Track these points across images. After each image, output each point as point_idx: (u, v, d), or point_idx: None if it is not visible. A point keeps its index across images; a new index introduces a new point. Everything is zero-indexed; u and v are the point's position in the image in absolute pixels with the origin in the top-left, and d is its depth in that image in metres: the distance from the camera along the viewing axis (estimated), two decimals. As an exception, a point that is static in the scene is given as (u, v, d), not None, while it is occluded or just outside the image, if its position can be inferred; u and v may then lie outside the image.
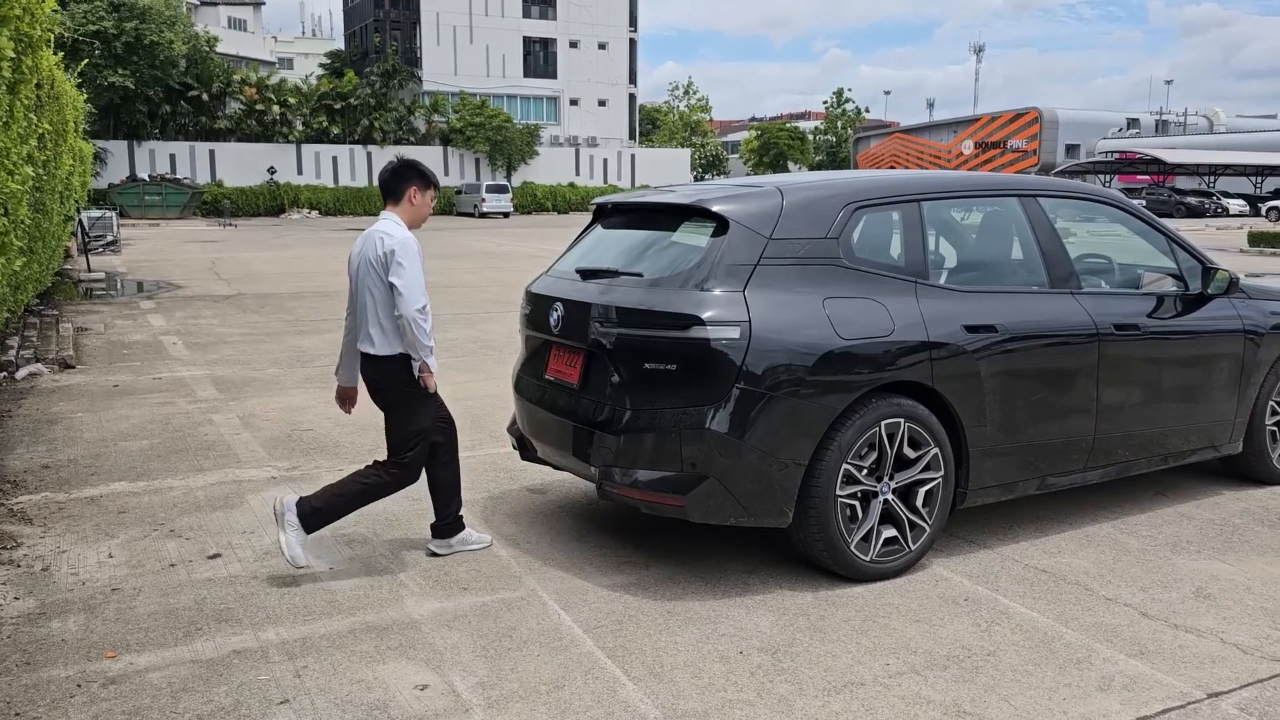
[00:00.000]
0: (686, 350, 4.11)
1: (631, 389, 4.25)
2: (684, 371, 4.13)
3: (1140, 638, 3.83)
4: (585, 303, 4.49)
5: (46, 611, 3.98)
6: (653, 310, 4.21)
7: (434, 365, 4.36)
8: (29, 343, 10.13)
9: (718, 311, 4.09)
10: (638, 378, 4.24)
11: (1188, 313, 5.33)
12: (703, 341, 4.06)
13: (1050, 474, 4.83)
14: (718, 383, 4.05)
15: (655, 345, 4.18)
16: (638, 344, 4.24)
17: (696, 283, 4.18)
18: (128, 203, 40.72)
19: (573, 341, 4.56)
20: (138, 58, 43.45)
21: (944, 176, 5.24)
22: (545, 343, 4.85)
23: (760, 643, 3.76)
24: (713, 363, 4.06)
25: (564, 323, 4.60)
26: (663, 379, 4.18)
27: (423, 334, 4.25)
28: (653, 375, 4.20)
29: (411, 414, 4.42)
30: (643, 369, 4.22)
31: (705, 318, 4.06)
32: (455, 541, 4.64)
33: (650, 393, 4.20)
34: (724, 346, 4.04)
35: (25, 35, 5.46)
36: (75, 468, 5.99)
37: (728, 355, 4.04)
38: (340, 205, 48.39)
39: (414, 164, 4.48)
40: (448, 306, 13.92)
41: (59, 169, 11.32)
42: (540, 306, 4.89)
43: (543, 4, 61.04)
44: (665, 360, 4.16)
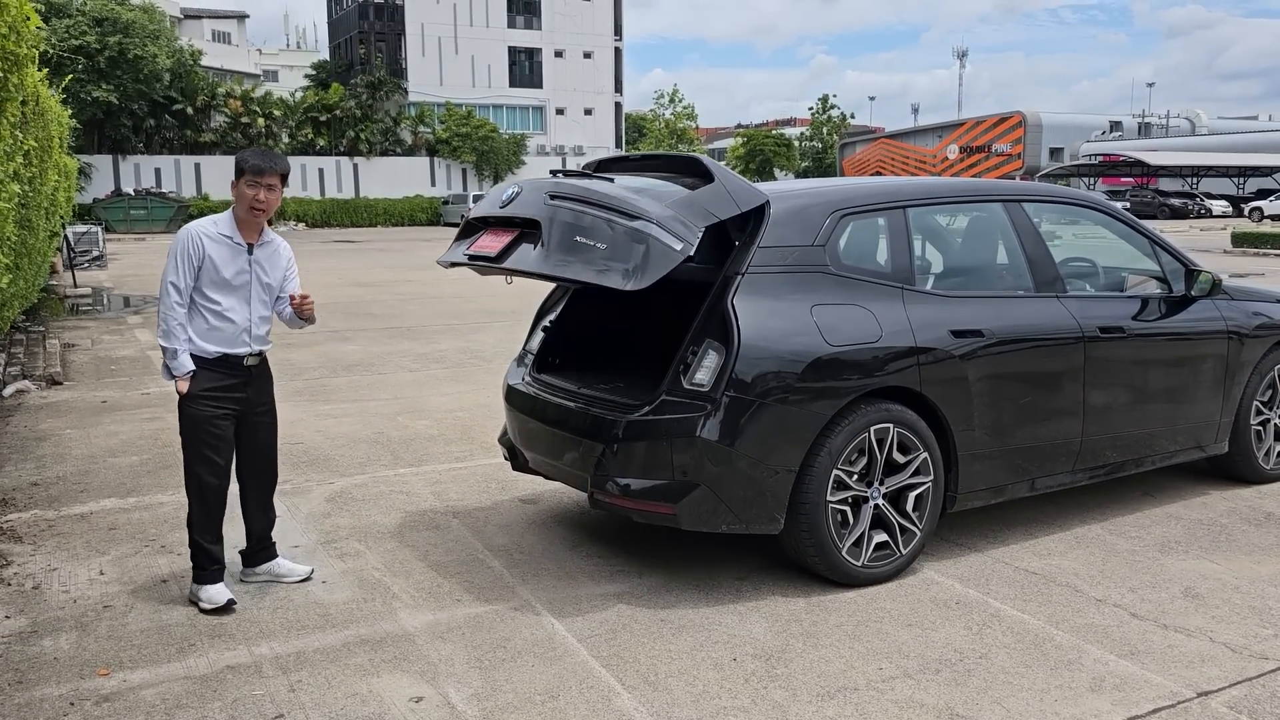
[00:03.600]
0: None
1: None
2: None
3: (1130, 638, 3.86)
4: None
5: (38, 630, 3.97)
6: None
7: (175, 369, 4.10)
8: (16, 360, 10.09)
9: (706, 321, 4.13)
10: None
11: (1172, 314, 5.37)
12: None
13: (1039, 476, 4.87)
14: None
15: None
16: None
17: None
18: (113, 218, 40.57)
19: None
20: (121, 72, 43.33)
21: (929, 183, 5.28)
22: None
23: (754, 649, 3.77)
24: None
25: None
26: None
27: (159, 331, 4.13)
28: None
29: (179, 416, 4.20)
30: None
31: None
32: (262, 570, 4.48)
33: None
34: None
35: (11, 53, 5.46)
36: (65, 485, 5.97)
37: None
38: (327, 217, 48.31)
39: (235, 158, 4.20)
40: (437, 318, 13.93)
41: (44, 185, 11.29)
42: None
43: (527, 14, 61.14)
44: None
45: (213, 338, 4.15)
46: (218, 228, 4.17)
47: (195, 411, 4.15)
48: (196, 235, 4.11)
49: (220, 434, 4.20)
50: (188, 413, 4.16)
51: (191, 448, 4.19)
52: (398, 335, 12.28)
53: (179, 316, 4.09)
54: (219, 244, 4.14)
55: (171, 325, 4.08)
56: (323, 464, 6.43)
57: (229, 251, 4.16)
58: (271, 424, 4.45)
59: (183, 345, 4.10)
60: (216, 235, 4.14)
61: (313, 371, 9.76)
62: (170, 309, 4.08)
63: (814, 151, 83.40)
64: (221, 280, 4.14)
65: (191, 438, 4.18)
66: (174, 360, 4.10)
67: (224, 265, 4.14)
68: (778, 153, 76.22)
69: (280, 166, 4.18)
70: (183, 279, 4.09)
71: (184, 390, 4.12)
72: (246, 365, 4.26)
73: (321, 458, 6.58)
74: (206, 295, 4.13)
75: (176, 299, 4.08)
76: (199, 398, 4.14)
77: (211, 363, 4.16)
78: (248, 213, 4.15)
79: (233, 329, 4.18)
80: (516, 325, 11.95)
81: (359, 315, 14.29)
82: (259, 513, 4.46)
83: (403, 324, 13.33)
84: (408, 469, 6.29)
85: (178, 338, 4.08)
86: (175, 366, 4.11)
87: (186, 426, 4.18)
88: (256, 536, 4.46)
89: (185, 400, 4.14)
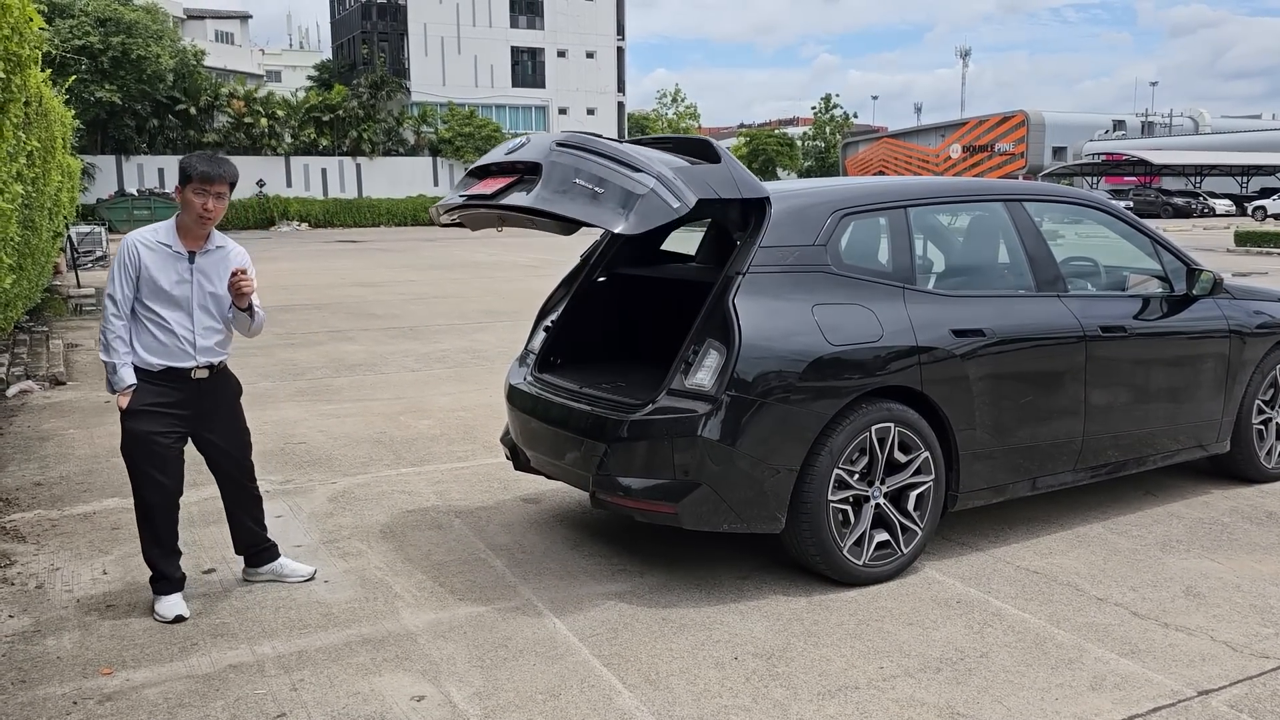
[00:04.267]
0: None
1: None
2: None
3: (1131, 637, 3.86)
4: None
5: (41, 629, 3.98)
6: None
7: (114, 383, 4.02)
8: (19, 360, 10.11)
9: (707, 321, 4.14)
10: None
11: (1173, 314, 5.37)
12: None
13: (1041, 476, 4.87)
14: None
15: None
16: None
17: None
18: (116, 218, 40.55)
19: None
20: (124, 72, 43.36)
21: (930, 182, 5.28)
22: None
23: (755, 648, 3.78)
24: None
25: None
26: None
27: (99, 343, 4.07)
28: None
29: (121, 431, 4.11)
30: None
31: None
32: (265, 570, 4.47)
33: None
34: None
35: (14, 55, 5.47)
36: (68, 484, 5.99)
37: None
38: (330, 217, 48.32)
39: (180, 161, 4.06)
40: (439, 318, 13.94)
41: (48, 185, 11.31)
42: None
43: (530, 14, 61.14)
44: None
45: (156, 350, 4.02)
46: (156, 236, 4.04)
47: (134, 427, 4.01)
48: (134, 245, 4.00)
49: (162, 451, 4.04)
50: (127, 428, 4.03)
51: (132, 464, 4.07)
52: (400, 335, 12.30)
53: (117, 329, 3.98)
54: (156, 252, 4.01)
55: (110, 339, 3.98)
56: (325, 463, 6.43)
57: (166, 260, 4.02)
58: (235, 436, 4.30)
59: (122, 359, 3.98)
60: (154, 244, 4.02)
61: (315, 371, 9.77)
62: (108, 321, 3.98)
63: (817, 151, 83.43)
64: (160, 290, 4.00)
65: (131, 454, 4.05)
66: (114, 375, 3.99)
67: (161, 274, 4.00)
68: (780, 152, 76.27)
69: (230, 174, 4.04)
70: (120, 290, 3.98)
71: (123, 405, 4.00)
72: (195, 379, 4.10)
73: (324, 457, 6.59)
74: (147, 306, 4.00)
75: (113, 311, 3.98)
76: (139, 413, 4.00)
77: (155, 376, 4.03)
78: (195, 221, 4.02)
79: (175, 341, 4.03)
80: (518, 325, 11.97)
81: (361, 315, 14.31)
82: (246, 520, 4.39)
83: (405, 324, 13.34)
84: (410, 469, 6.30)
85: (117, 351, 3.98)
86: (115, 381, 4.00)
87: (126, 443, 4.05)
88: (245, 545, 4.42)
89: (124, 415, 4.02)
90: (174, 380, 4.06)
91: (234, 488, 4.36)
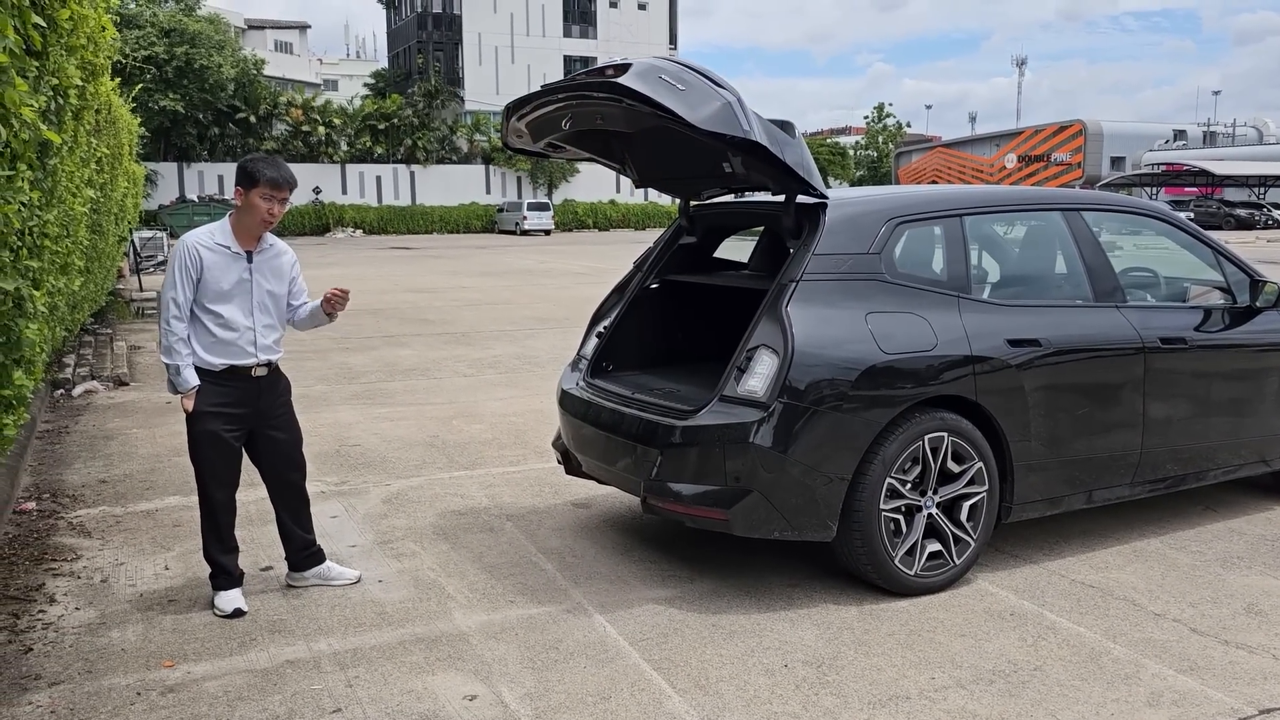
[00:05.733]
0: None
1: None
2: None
3: (1190, 653, 3.80)
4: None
5: (106, 621, 4.09)
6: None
7: (178, 385, 4.06)
8: (85, 361, 10.38)
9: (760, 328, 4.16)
10: None
11: (1236, 326, 5.27)
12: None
13: (1096, 488, 4.80)
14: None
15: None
16: None
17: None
18: (177, 223, 41.38)
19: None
20: (188, 81, 44.37)
21: (986, 191, 5.25)
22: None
23: (805, 656, 3.77)
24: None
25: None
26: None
27: (160, 347, 4.08)
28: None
29: (187, 431, 4.18)
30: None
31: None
32: (311, 575, 4.48)
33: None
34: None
35: (90, 63, 5.64)
36: (131, 482, 6.14)
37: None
38: (384, 224, 48.96)
39: (241, 163, 4.11)
40: (490, 323, 14.07)
41: (115, 191, 11.62)
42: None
43: (583, 23, 61.59)
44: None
45: (218, 350, 4.09)
46: (213, 237, 4.10)
47: (201, 427, 4.10)
48: (193, 246, 4.05)
49: (227, 450, 4.16)
50: (194, 429, 4.11)
51: (200, 463, 4.16)
52: (452, 340, 12.43)
53: (179, 331, 4.03)
54: (216, 254, 4.07)
55: (172, 341, 4.03)
56: (379, 466, 6.53)
57: (226, 261, 4.09)
58: (291, 434, 4.38)
59: (185, 361, 4.04)
60: (213, 245, 4.08)
61: (370, 375, 9.91)
62: (169, 324, 4.02)
63: (869, 160, 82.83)
64: (221, 291, 4.08)
65: (199, 454, 4.14)
66: (177, 376, 4.05)
67: (222, 275, 4.07)
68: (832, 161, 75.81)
69: (293, 180, 4.15)
70: (182, 293, 4.03)
71: (189, 407, 4.07)
72: (255, 377, 4.19)
73: (378, 460, 6.69)
74: (207, 307, 4.07)
75: (175, 313, 4.03)
76: (205, 414, 4.09)
77: (218, 376, 4.10)
78: (258, 224, 4.10)
79: (237, 340, 4.11)
80: (569, 332, 12.05)
81: (414, 320, 14.48)
82: (292, 525, 4.44)
83: (457, 329, 13.48)
84: (462, 472, 6.37)
85: (179, 353, 4.03)
86: (179, 383, 4.06)
87: (194, 442, 4.14)
88: (295, 547, 4.46)
89: (191, 417, 4.10)
90: (235, 379, 4.15)
91: (284, 486, 4.40)
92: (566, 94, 4.41)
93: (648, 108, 4.00)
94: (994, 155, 71.82)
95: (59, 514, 5.48)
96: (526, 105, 4.67)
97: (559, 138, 4.81)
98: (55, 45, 4.12)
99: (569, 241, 42.34)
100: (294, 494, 4.43)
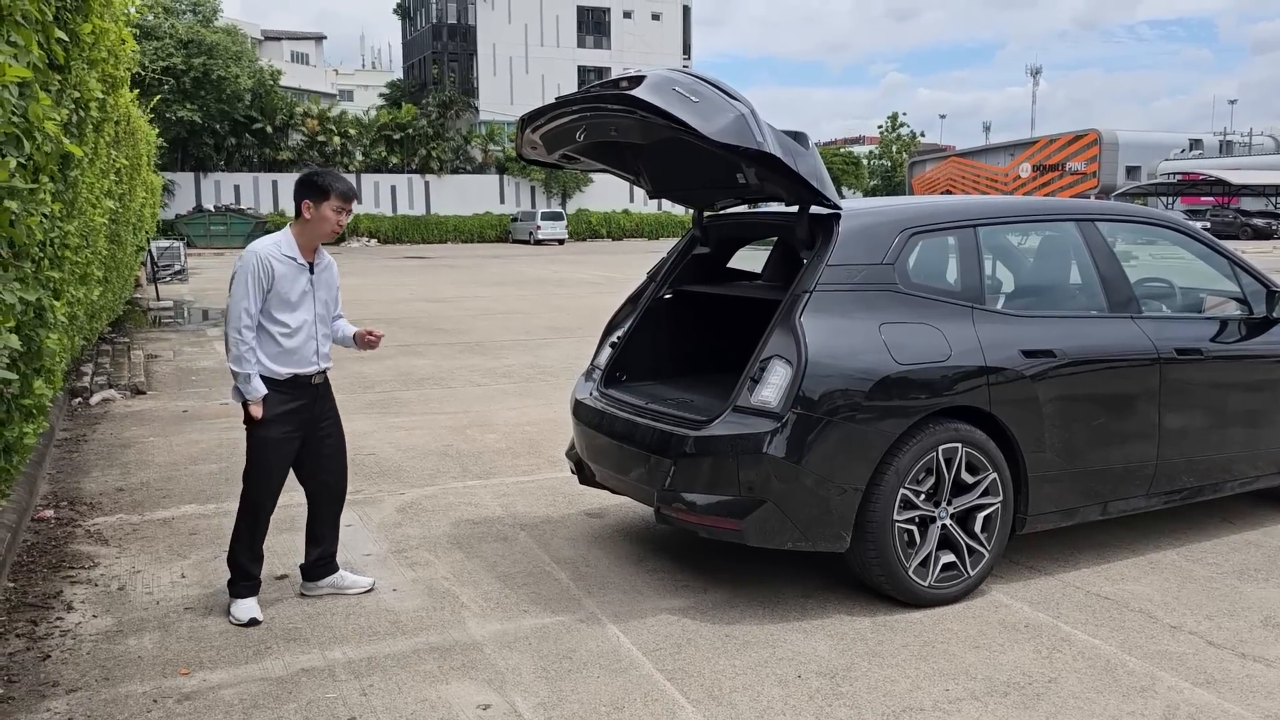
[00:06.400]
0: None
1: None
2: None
3: (1206, 666, 3.78)
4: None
5: (123, 629, 4.12)
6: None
7: (248, 393, 4.13)
8: (102, 369, 10.46)
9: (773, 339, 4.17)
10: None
11: (1252, 336, 5.25)
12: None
13: (1112, 500, 4.78)
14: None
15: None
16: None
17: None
18: (194, 233, 41.86)
19: None
20: (205, 92, 44.75)
21: (1000, 202, 5.25)
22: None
23: (819, 667, 3.77)
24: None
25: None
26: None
27: (230, 356, 4.13)
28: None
29: (248, 437, 4.27)
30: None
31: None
32: (325, 584, 4.51)
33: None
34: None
35: (110, 76, 5.71)
36: (148, 490, 6.18)
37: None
38: (399, 233, 49.22)
39: (308, 177, 4.23)
40: (505, 333, 14.11)
41: (133, 201, 11.72)
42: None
43: (597, 33, 61.77)
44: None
45: (283, 359, 4.18)
46: (281, 249, 4.18)
47: (267, 434, 4.19)
48: (265, 258, 4.12)
49: (287, 456, 4.27)
50: (259, 436, 4.20)
51: (258, 468, 4.23)
52: (466, 350, 12.47)
53: (250, 340, 4.10)
54: (284, 264, 4.16)
55: (243, 350, 4.09)
56: (394, 475, 6.56)
57: (294, 272, 4.19)
58: (338, 438, 4.48)
59: (255, 369, 4.12)
60: (282, 256, 4.17)
61: (384, 385, 9.95)
62: (240, 333, 4.09)
63: (883, 170, 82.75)
64: (287, 301, 4.17)
65: (259, 460, 4.22)
66: (247, 384, 4.12)
67: (291, 286, 4.17)
68: (846, 171, 75.75)
69: (357, 192, 4.32)
70: (254, 302, 4.10)
71: (258, 414, 4.15)
72: (314, 384, 4.31)
73: (393, 469, 6.71)
74: (274, 317, 4.15)
75: (247, 323, 4.09)
76: (270, 420, 4.17)
77: (281, 384, 4.18)
78: (327, 234, 4.23)
79: (301, 349, 4.21)
80: (582, 341, 12.07)
81: (429, 330, 14.54)
82: (329, 529, 4.49)
83: (471, 339, 13.53)
84: (476, 481, 6.39)
85: (250, 362, 4.10)
86: (249, 391, 4.12)
87: (256, 449, 4.22)
88: (323, 551, 4.49)
89: (258, 424, 4.17)
90: (297, 387, 4.25)
91: (327, 490, 4.47)
92: (580, 106, 4.44)
93: (661, 120, 4.02)
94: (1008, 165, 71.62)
95: (77, 522, 5.53)
96: (541, 117, 4.70)
97: (573, 149, 4.84)
98: (77, 59, 4.18)
99: (583, 251, 42.42)
100: (335, 497, 4.52)
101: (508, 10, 59.18)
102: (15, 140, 2.88)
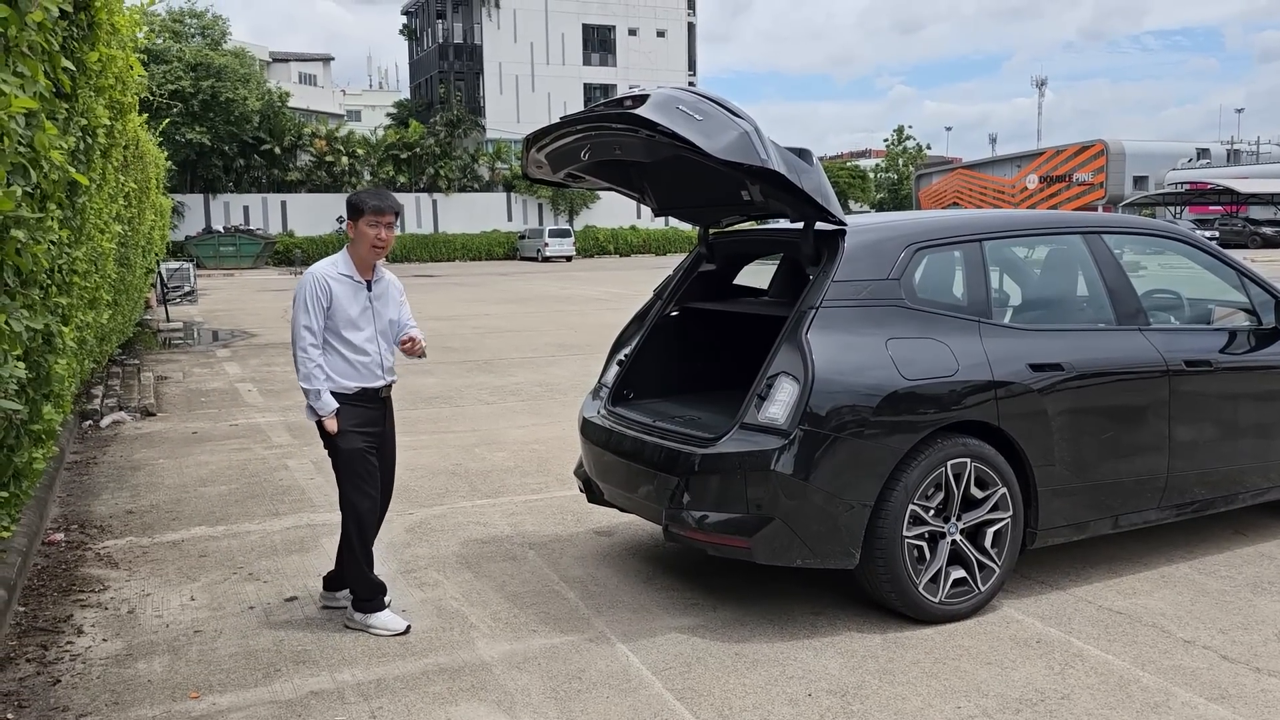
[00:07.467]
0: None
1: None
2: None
3: (1221, 681, 3.74)
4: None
5: (133, 653, 4.12)
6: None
7: (320, 409, 4.26)
8: (112, 391, 10.50)
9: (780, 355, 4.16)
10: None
11: (1262, 347, 5.23)
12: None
13: (1123, 513, 4.76)
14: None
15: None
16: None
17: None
18: (204, 254, 42.01)
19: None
20: (214, 114, 45.04)
21: (1006, 215, 5.24)
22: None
23: (829, 685, 3.75)
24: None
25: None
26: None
27: (299, 375, 4.27)
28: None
29: (333, 456, 4.39)
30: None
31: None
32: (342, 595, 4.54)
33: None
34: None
35: (118, 102, 5.75)
36: (158, 513, 6.20)
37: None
38: (406, 252, 49.34)
39: (349, 199, 4.35)
40: (513, 351, 14.13)
41: (142, 224, 11.79)
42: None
43: (602, 51, 62.05)
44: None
45: (351, 374, 4.32)
46: (337, 268, 4.34)
47: (348, 446, 4.32)
48: (321, 278, 4.28)
49: (370, 465, 4.38)
50: (342, 448, 4.32)
51: (349, 480, 4.34)
52: (475, 368, 12.49)
53: (315, 358, 4.24)
54: (342, 283, 4.30)
55: (310, 368, 4.23)
56: (402, 494, 6.55)
57: (352, 290, 4.33)
58: (394, 450, 4.65)
59: (324, 385, 4.26)
60: (338, 276, 4.31)
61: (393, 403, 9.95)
62: (305, 352, 4.24)
63: (889, 183, 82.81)
64: (350, 318, 4.31)
65: (349, 471, 4.34)
66: (318, 400, 4.26)
67: (351, 304, 4.31)
68: (853, 184, 75.84)
69: (396, 205, 4.37)
70: (315, 320, 4.25)
71: (333, 428, 4.28)
72: (381, 397, 4.44)
73: (401, 488, 6.70)
74: (340, 334, 4.29)
75: (311, 340, 4.24)
76: (350, 433, 4.31)
77: (351, 398, 4.32)
78: (369, 251, 4.31)
79: (369, 363, 4.35)
80: (590, 359, 12.08)
81: (437, 348, 14.55)
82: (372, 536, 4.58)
83: (480, 357, 13.54)
84: (485, 500, 6.39)
85: (317, 378, 4.24)
86: (320, 406, 4.26)
87: (343, 461, 4.34)
88: None
89: (337, 437, 4.30)
90: (367, 400, 4.38)
91: (384, 501, 4.56)
92: (585, 125, 4.46)
93: (666, 138, 4.04)
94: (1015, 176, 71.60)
95: (87, 545, 5.54)
96: (545, 137, 4.72)
97: (578, 168, 4.86)
98: (84, 87, 4.22)
99: (590, 267, 42.48)
100: (384, 506, 4.59)
101: (513, 29, 59.51)
102: (22, 169, 2.90)
